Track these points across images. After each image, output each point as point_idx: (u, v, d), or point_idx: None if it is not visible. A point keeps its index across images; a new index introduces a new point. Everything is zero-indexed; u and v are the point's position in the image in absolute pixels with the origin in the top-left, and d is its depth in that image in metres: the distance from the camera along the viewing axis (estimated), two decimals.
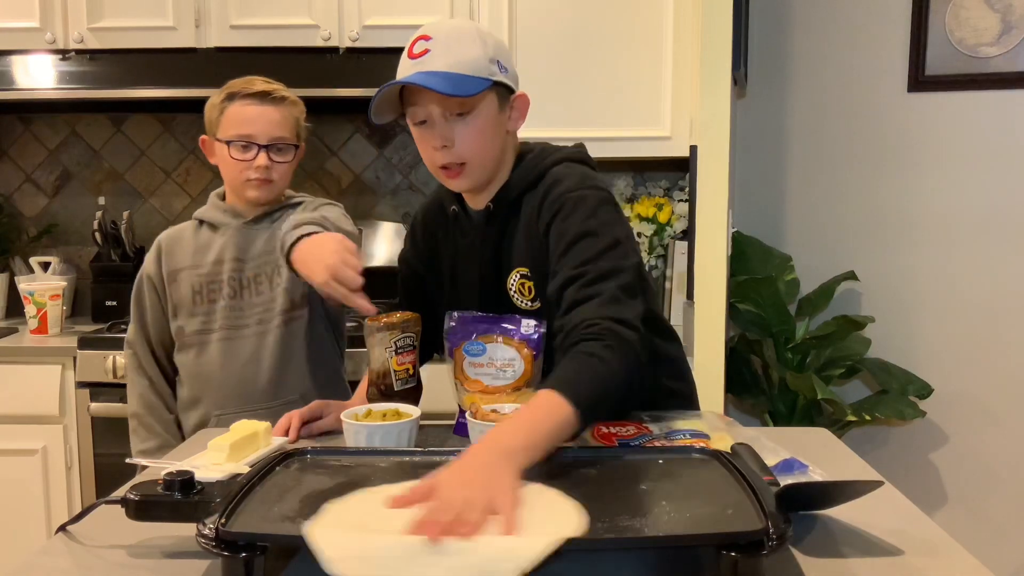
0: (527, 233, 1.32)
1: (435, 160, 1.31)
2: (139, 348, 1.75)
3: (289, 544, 0.92)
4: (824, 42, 2.86)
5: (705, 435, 1.24)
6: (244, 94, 1.64)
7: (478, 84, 1.24)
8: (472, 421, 1.29)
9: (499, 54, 1.29)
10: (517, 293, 1.34)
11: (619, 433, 1.27)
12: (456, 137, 1.27)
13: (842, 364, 2.76)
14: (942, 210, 2.82)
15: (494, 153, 1.32)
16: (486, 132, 1.28)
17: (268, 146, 1.64)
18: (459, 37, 1.27)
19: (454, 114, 1.27)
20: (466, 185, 1.34)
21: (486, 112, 1.28)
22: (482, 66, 1.26)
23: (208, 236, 1.73)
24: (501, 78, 1.28)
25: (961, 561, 0.94)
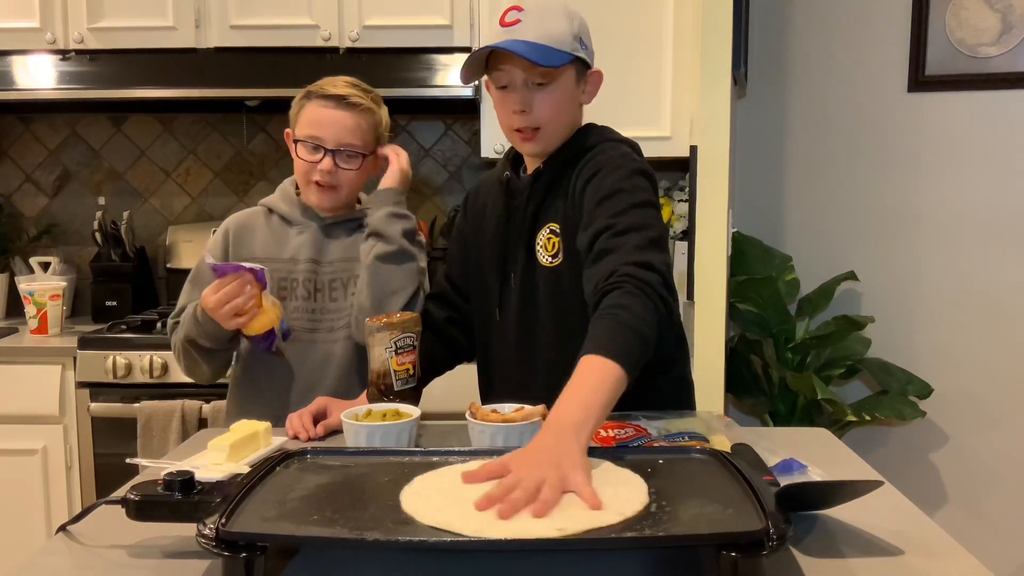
0: (565, 192, 1.39)
1: (512, 123, 1.39)
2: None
3: (289, 544, 0.93)
4: (824, 42, 2.86)
5: (703, 437, 1.24)
6: (321, 95, 1.62)
7: (562, 57, 1.33)
8: (472, 421, 1.29)
9: (582, 31, 1.38)
10: (542, 248, 1.41)
11: (617, 436, 1.27)
12: (535, 103, 1.36)
13: (842, 364, 2.76)
14: (942, 210, 2.82)
15: (567, 122, 1.41)
16: (562, 102, 1.37)
17: (335, 151, 1.61)
18: (549, 11, 1.35)
19: (535, 82, 1.35)
20: (537, 149, 1.41)
21: (564, 83, 1.37)
22: (567, 41, 1.34)
23: (282, 229, 1.70)
24: (581, 54, 1.37)
25: (961, 561, 0.94)
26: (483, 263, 1.53)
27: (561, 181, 1.41)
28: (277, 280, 1.66)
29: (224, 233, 1.71)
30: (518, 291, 1.45)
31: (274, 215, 1.72)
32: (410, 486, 0.99)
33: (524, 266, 1.44)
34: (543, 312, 1.42)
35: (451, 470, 1.04)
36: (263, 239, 1.70)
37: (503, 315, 1.48)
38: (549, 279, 1.42)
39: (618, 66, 2.48)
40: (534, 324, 1.44)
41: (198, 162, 2.94)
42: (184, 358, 1.64)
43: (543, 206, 1.43)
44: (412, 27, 2.51)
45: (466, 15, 2.51)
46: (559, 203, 1.41)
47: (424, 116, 2.91)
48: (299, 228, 1.69)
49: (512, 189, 1.48)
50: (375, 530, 0.87)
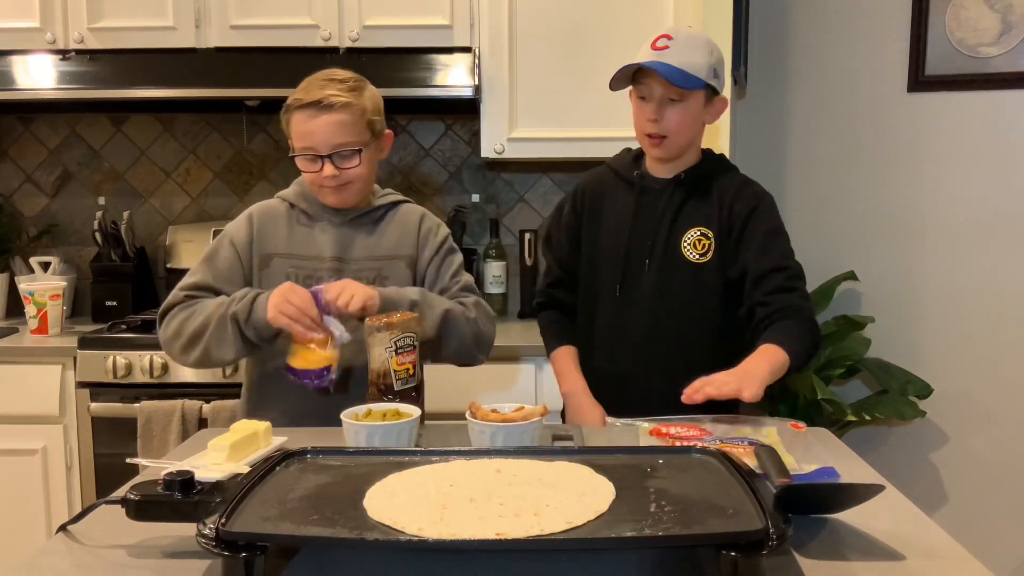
0: (717, 205, 1.66)
1: (644, 128, 1.64)
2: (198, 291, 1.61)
3: (289, 544, 0.93)
4: (824, 42, 2.86)
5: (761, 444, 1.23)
6: (300, 105, 1.58)
7: (696, 82, 1.57)
8: (472, 421, 1.29)
9: (718, 64, 1.62)
10: (691, 247, 1.66)
11: (679, 435, 1.33)
12: (666, 116, 1.60)
13: (842, 364, 2.76)
14: (942, 210, 2.81)
15: (690, 136, 1.65)
16: (688, 119, 1.62)
17: (331, 155, 1.59)
18: (693, 42, 1.59)
19: (670, 98, 1.59)
20: (663, 154, 1.66)
21: (694, 104, 1.61)
22: (703, 70, 1.58)
23: (305, 225, 1.68)
24: (713, 83, 1.61)
25: (962, 563, 0.94)
26: (603, 249, 1.73)
27: (699, 190, 1.68)
28: (302, 278, 1.63)
29: (249, 219, 1.69)
30: (652, 277, 1.67)
31: (296, 210, 1.70)
32: (381, 483, 1.01)
33: (663, 257, 1.67)
34: (675, 298, 1.66)
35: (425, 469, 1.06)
36: (287, 234, 1.68)
37: (624, 293, 1.69)
38: (693, 272, 1.66)
39: (618, 66, 2.48)
40: (660, 307, 1.67)
41: (198, 162, 2.94)
42: (216, 332, 1.54)
43: (684, 208, 1.67)
44: (412, 27, 2.51)
45: (466, 15, 2.51)
46: (705, 210, 1.66)
47: (424, 116, 2.91)
48: (322, 225, 1.68)
49: (646, 187, 1.70)
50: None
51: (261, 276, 1.65)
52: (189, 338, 1.57)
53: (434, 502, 0.93)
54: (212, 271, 1.64)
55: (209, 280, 1.63)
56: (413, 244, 1.72)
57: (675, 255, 1.66)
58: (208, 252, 1.67)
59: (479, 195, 2.92)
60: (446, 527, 0.87)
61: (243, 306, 1.54)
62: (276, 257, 1.66)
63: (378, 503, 0.94)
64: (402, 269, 1.69)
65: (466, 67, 2.47)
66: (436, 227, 1.75)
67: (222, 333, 1.55)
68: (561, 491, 0.97)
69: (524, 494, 0.96)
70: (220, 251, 1.66)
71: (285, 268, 1.65)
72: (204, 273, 1.64)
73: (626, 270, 1.69)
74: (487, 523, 0.88)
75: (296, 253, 1.66)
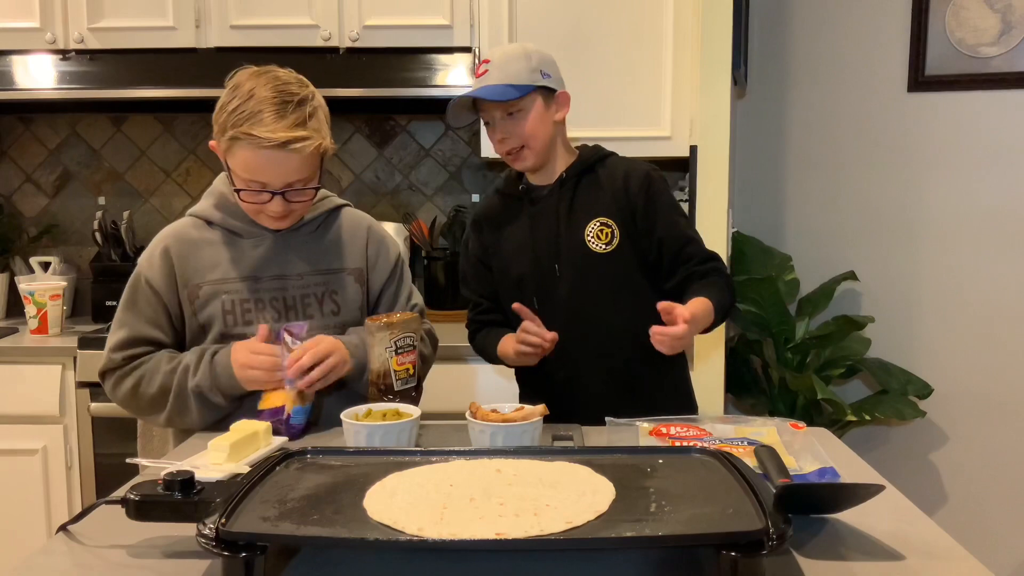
0: (611, 192, 1.68)
1: (499, 149, 1.67)
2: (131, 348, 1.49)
3: (289, 544, 0.93)
4: (824, 42, 2.86)
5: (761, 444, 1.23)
6: (256, 145, 1.39)
7: (521, 90, 1.60)
8: (472, 421, 1.29)
9: (543, 65, 1.64)
10: (595, 238, 1.67)
11: (679, 435, 1.31)
12: (511, 130, 1.64)
13: (842, 364, 2.76)
14: (942, 210, 2.81)
15: (544, 138, 1.66)
16: (534, 123, 1.63)
17: (284, 191, 1.45)
18: (508, 57, 1.63)
19: (507, 113, 1.63)
20: (528, 164, 1.68)
21: (531, 109, 1.63)
22: (526, 76, 1.61)
23: (232, 243, 1.53)
24: (543, 82, 1.63)
25: (963, 564, 0.94)
26: (512, 266, 1.74)
27: (585, 182, 1.70)
28: (239, 303, 1.50)
29: (164, 254, 1.51)
30: (565, 278, 1.68)
31: (215, 228, 1.54)
32: (381, 483, 1.00)
33: (570, 256, 1.68)
34: (596, 291, 1.67)
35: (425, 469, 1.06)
36: (212, 256, 1.52)
37: (543, 304, 1.68)
38: (603, 262, 1.67)
39: (618, 66, 2.49)
40: (585, 303, 1.68)
41: (198, 162, 2.94)
42: (176, 404, 1.45)
43: (576, 204, 1.69)
44: (412, 27, 2.51)
45: (466, 15, 2.51)
46: (599, 200, 1.68)
47: (424, 116, 2.91)
48: (254, 241, 1.53)
49: (535, 197, 1.72)
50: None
51: (194, 308, 1.51)
52: (148, 404, 1.47)
53: (434, 502, 0.93)
54: (137, 320, 1.49)
55: (138, 332, 1.49)
56: (361, 257, 1.62)
57: (581, 250, 1.67)
58: (126, 299, 1.52)
59: (479, 195, 2.92)
60: (446, 527, 0.87)
61: (203, 375, 1.43)
62: (205, 285, 1.51)
63: (378, 503, 0.94)
64: (351, 283, 1.60)
65: (466, 67, 2.47)
66: (387, 244, 1.66)
67: (183, 406, 1.45)
68: (561, 491, 0.97)
69: (524, 494, 0.96)
70: (139, 295, 1.51)
71: (219, 295, 1.50)
72: (130, 325, 1.49)
73: (539, 278, 1.70)
74: (487, 523, 0.88)
75: (228, 277, 1.51)
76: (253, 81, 1.44)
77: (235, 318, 1.51)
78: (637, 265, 1.68)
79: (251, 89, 1.42)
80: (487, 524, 0.88)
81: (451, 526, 0.87)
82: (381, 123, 2.93)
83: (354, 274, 1.61)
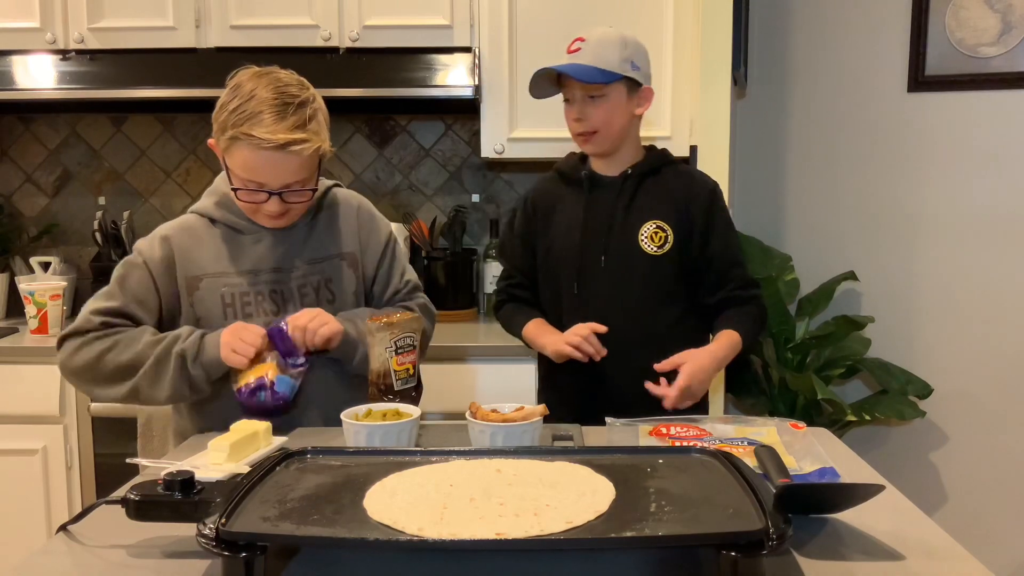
0: (671, 200, 1.72)
1: (573, 128, 1.70)
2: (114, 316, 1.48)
3: (289, 544, 0.93)
4: (824, 42, 2.86)
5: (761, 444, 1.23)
6: (256, 146, 1.41)
7: (608, 76, 1.62)
8: (472, 421, 1.29)
9: (635, 56, 1.66)
10: (648, 239, 1.71)
11: (679, 434, 1.32)
12: (589, 113, 1.66)
13: (842, 364, 2.76)
14: (942, 210, 2.81)
15: (619, 128, 1.68)
16: (612, 112, 1.66)
17: (282, 192, 1.47)
18: (605, 40, 1.65)
19: (589, 96, 1.65)
20: (595, 149, 1.71)
21: (614, 98, 1.65)
22: (617, 64, 1.63)
23: (232, 239, 1.55)
24: (631, 74, 1.65)
25: (963, 564, 0.94)
26: (557, 248, 1.76)
27: (648, 184, 1.73)
28: (239, 297, 1.53)
29: (164, 241, 1.53)
30: (610, 271, 1.71)
31: (218, 224, 1.56)
32: (381, 483, 1.01)
33: (619, 251, 1.71)
34: (636, 291, 1.71)
35: (425, 469, 1.06)
36: (213, 251, 1.54)
37: (581, 290, 1.72)
38: (651, 264, 1.71)
39: None
40: (622, 299, 1.71)
41: (198, 162, 2.94)
42: (152, 369, 1.44)
43: (635, 202, 1.72)
44: (412, 27, 2.51)
45: (466, 15, 2.51)
46: (659, 204, 1.72)
47: (424, 116, 2.91)
48: (254, 236, 1.55)
49: (595, 184, 1.74)
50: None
51: (192, 300, 1.52)
52: (112, 372, 1.45)
53: (434, 502, 0.93)
54: (124, 296, 1.49)
55: (125, 305, 1.49)
56: (354, 240, 1.64)
57: (633, 248, 1.71)
58: (118, 274, 1.52)
59: (479, 195, 2.92)
60: (446, 527, 0.87)
61: (191, 343, 1.44)
62: (205, 278, 1.52)
63: (378, 503, 0.94)
64: (345, 269, 1.62)
65: (466, 67, 2.47)
66: (377, 223, 1.68)
67: (161, 371, 1.43)
68: (561, 491, 0.97)
69: (524, 494, 0.96)
70: (132, 272, 1.51)
71: (218, 289, 1.52)
72: (118, 297, 1.50)
73: (581, 267, 1.72)
74: (487, 523, 0.88)
75: (227, 271, 1.53)
76: (254, 82, 1.45)
77: (235, 310, 1.53)
78: (682, 273, 1.73)
79: (252, 90, 1.43)
80: (487, 524, 0.88)
81: (451, 526, 0.87)
82: (381, 123, 2.93)
83: (348, 259, 1.63)
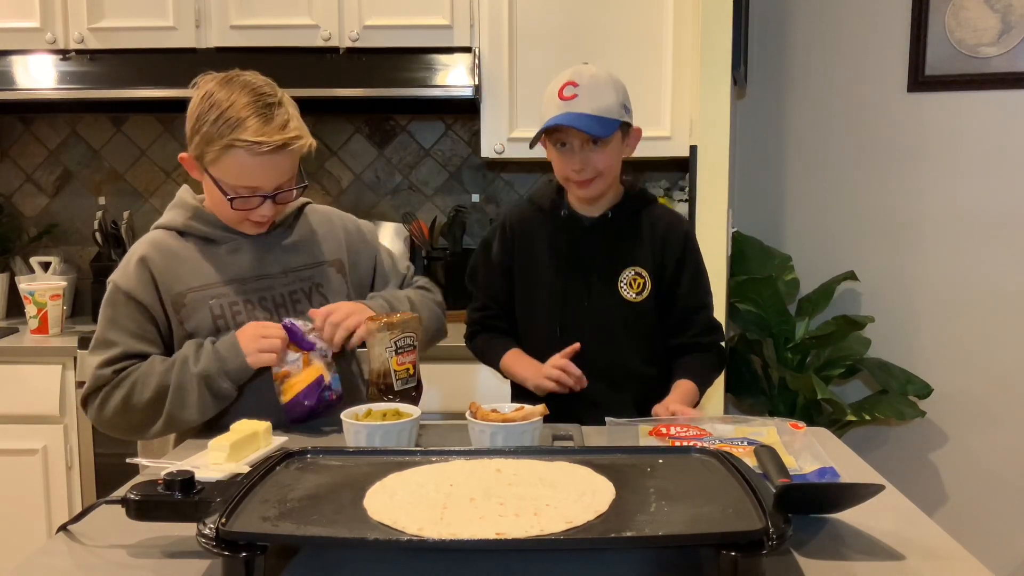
0: (649, 244, 1.69)
1: (571, 176, 1.63)
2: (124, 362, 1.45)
3: (289, 544, 0.93)
4: (824, 42, 2.86)
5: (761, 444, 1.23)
6: (254, 152, 1.40)
7: (613, 125, 1.59)
8: (472, 421, 1.29)
9: (625, 99, 1.63)
10: (627, 286, 1.68)
11: (679, 434, 1.31)
12: (591, 161, 1.61)
13: (842, 364, 2.76)
14: (942, 210, 2.81)
15: (616, 172, 1.67)
16: (611, 157, 1.63)
17: (274, 194, 1.47)
18: (600, 85, 1.59)
19: (590, 143, 1.60)
20: (592, 194, 1.66)
21: (614, 143, 1.62)
22: (615, 110, 1.59)
23: (208, 250, 1.53)
24: (626, 118, 1.63)
25: (962, 563, 0.94)
26: (539, 287, 1.72)
27: (628, 227, 1.70)
28: (227, 306, 1.50)
29: (141, 263, 1.48)
30: (591, 316, 1.68)
31: (189, 237, 1.53)
32: (381, 483, 1.00)
33: (601, 296, 1.68)
34: (619, 338, 1.68)
35: (425, 469, 1.06)
36: (191, 264, 1.51)
37: (564, 335, 1.67)
38: (631, 311, 1.68)
39: (618, 66, 2.46)
40: (605, 344, 1.67)
41: None
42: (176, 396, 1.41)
43: (617, 248, 1.70)
44: (412, 27, 2.51)
45: (466, 15, 2.51)
46: (637, 248, 1.69)
47: (424, 116, 2.91)
48: (230, 246, 1.53)
49: (576, 226, 1.71)
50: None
51: (181, 317, 1.48)
52: (143, 413, 1.42)
53: (434, 502, 0.93)
54: (122, 336, 1.46)
55: (127, 347, 1.45)
56: (339, 247, 1.64)
57: (613, 295, 1.68)
58: (106, 318, 1.47)
59: (479, 195, 2.92)
60: (446, 527, 0.87)
61: (209, 362, 1.41)
62: (189, 293, 1.49)
63: (378, 503, 0.94)
64: (333, 275, 1.61)
65: (466, 67, 2.47)
66: (356, 225, 1.70)
67: (183, 398, 1.41)
68: (561, 491, 0.97)
69: (524, 494, 0.96)
70: (119, 310, 1.47)
71: (205, 302, 1.49)
72: (119, 341, 1.45)
73: (564, 308, 1.69)
74: (487, 523, 0.88)
75: (210, 283, 1.51)
76: (227, 89, 1.44)
77: (226, 321, 1.50)
78: (658, 316, 1.71)
79: (228, 97, 1.42)
80: (487, 524, 0.88)
81: (451, 526, 0.87)
82: (381, 123, 2.93)
83: (335, 265, 1.63)
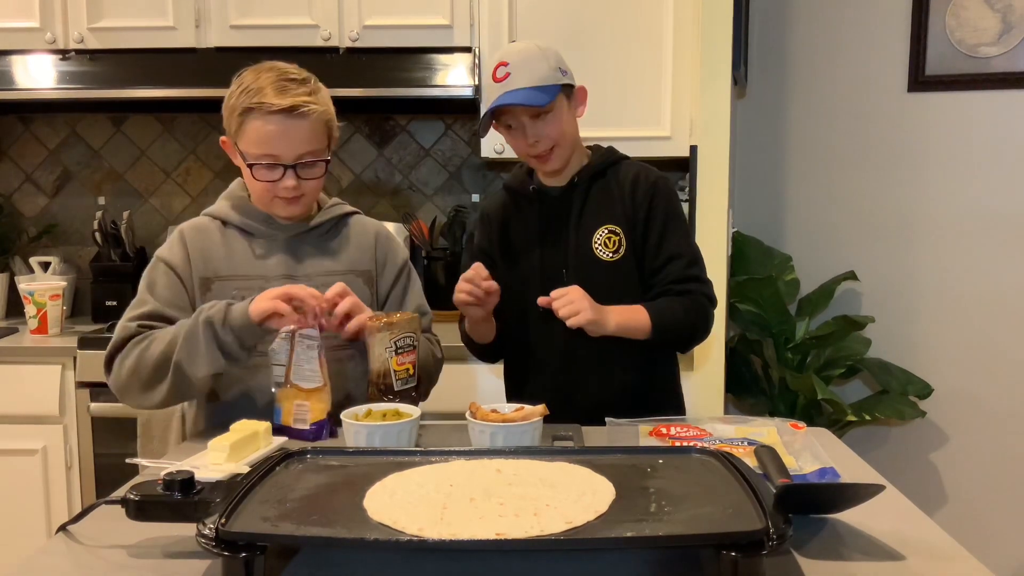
0: (619, 199, 1.66)
1: (528, 152, 1.63)
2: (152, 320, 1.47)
3: (289, 544, 0.93)
4: (824, 42, 2.86)
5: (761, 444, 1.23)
6: (267, 111, 1.44)
7: (552, 91, 1.57)
8: (472, 421, 1.29)
9: (559, 62, 1.61)
10: (602, 246, 1.66)
11: (679, 435, 1.31)
12: (541, 133, 1.59)
13: (842, 364, 2.76)
14: (942, 210, 2.82)
15: (573, 136, 1.65)
16: (561, 124, 1.61)
17: (295, 165, 1.49)
18: (528, 57, 1.58)
19: (536, 116, 1.58)
20: (556, 165, 1.65)
21: (559, 108, 1.60)
22: (550, 76, 1.57)
23: (243, 243, 1.55)
24: (565, 80, 1.61)
25: (962, 563, 0.94)
26: (519, 266, 1.71)
27: (597, 186, 1.67)
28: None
29: (181, 240, 1.55)
30: (572, 283, 1.60)
31: (229, 227, 1.57)
32: (381, 483, 1.00)
33: (579, 262, 1.66)
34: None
35: (425, 469, 1.06)
36: (225, 254, 1.55)
37: (548, 309, 1.61)
38: (609, 271, 1.65)
39: (618, 66, 2.49)
40: None
41: (198, 162, 2.94)
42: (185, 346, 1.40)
43: (586, 209, 1.67)
44: (412, 27, 2.51)
45: (466, 15, 2.51)
46: (609, 206, 1.66)
47: (424, 116, 2.91)
48: (264, 242, 1.56)
49: (545, 198, 1.69)
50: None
51: (204, 300, 1.50)
52: (154, 367, 1.42)
53: (434, 502, 0.93)
54: (157, 299, 1.49)
55: (159, 308, 1.49)
56: (371, 260, 1.64)
57: (588, 257, 1.65)
58: (146, 282, 1.53)
59: (479, 195, 2.92)
60: (446, 527, 0.87)
61: (217, 311, 1.41)
62: (217, 280, 1.52)
63: (378, 503, 0.94)
64: (360, 285, 1.60)
65: (466, 67, 2.47)
66: (394, 247, 1.69)
67: (194, 346, 1.40)
68: (561, 491, 0.97)
69: (524, 494, 0.96)
70: (158, 278, 1.52)
71: (228, 291, 1.51)
72: (151, 302, 1.49)
73: (544, 283, 1.63)
74: (487, 523, 0.88)
75: (239, 274, 1.53)
76: (257, 71, 1.51)
77: None
78: (639, 275, 1.66)
79: (255, 77, 1.49)
80: (487, 524, 0.88)
81: (451, 526, 0.87)
82: (381, 123, 2.93)
83: (363, 276, 1.62)
